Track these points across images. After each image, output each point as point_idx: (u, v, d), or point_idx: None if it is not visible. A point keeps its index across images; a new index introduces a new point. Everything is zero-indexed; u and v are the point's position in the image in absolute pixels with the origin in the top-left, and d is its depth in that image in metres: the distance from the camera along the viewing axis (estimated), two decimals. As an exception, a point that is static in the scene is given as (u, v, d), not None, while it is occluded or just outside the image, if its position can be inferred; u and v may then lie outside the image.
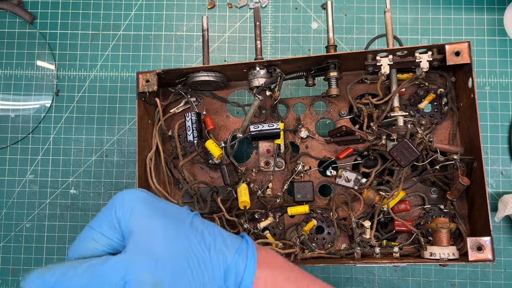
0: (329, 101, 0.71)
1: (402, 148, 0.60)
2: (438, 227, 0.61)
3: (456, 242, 0.65)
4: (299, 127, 0.69)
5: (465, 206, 0.67)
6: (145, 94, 0.66)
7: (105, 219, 0.44)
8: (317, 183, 0.70)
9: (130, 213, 0.43)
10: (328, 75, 0.65)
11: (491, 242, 0.58)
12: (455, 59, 0.61)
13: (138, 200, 0.45)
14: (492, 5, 0.81)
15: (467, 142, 0.64)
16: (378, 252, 0.64)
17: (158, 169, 0.69)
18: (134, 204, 0.44)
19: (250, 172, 0.69)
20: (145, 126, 0.67)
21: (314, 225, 0.67)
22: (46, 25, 0.83)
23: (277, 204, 0.68)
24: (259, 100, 0.63)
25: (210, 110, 0.72)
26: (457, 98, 0.67)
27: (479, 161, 0.60)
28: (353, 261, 0.63)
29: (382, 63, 0.62)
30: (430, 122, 0.67)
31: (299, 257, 0.65)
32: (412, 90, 0.68)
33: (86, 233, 0.45)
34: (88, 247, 0.44)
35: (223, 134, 0.71)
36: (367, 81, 0.68)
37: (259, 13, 0.66)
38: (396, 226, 0.65)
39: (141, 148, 0.66)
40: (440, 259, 0.60)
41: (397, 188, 0.63)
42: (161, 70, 0.65)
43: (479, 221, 0.62)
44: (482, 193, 0.60)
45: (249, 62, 0.64)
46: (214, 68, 0.65)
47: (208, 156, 0.69)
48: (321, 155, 0.70)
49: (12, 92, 0.82)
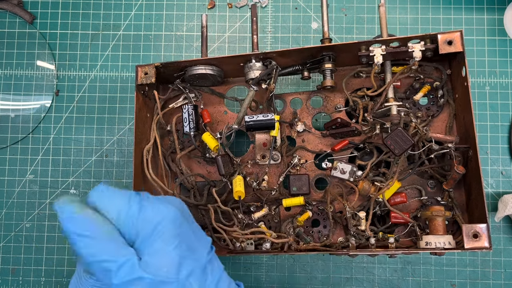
0: (326, 96, 0.71)
1: (396, 136, 0.60)
2: (433, 215, 0.61)
3: (455, 236, 0.65)
4: (295, 121, 0.70)
5: (462, 197, 0.66)
6: (144, 87, 0.67)
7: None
8: (313, 176, 0.70)
9: (153, 229, 0.44)
10: (323, 67, 0.66)
11: (487, 229, 0.57)
12: (447, 48, 0.61)
13: (166, 219, 0.45)
14: (492, 5, 0.81)
15: (463, 132, 0.64)
16: (374, 243, 0.64)
17: (156, 163, 0.70)
18: (161, 221, 0.45)
19: (245, 164, 0.69)
20: (144, 119, 0.68)
21: (309, 216, 0.67)
22: (46, 25, 0.83)
23: (272, 197, 0.68)
24: (254, 91, 0.64)
25: (208, 106, 0.72)
26: (453, 90, 0.67)
27: (474, 150, 0.60)
28: (346, 250, 0.63)
29: (375, 53, 0.62)
30: (426, 115, 0.67)
31: (293, 247, 0.65)
32: (408, 83, 0.69)
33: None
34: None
35: (221, 128, 0.72)
36: (363, 74, 0.68)
37: (256, 10, 0.68)
38: (392, 218, 0.65)
39: (138, 139, 0.66)
40: (436, 247, 0.60)
41: (392, 178, 0.63)
42: (159, 63, 0.66)
43: (476, 210, 0.62)
44: (478, 181, 0.59)
45: (245, 54, 0.65)
46: (211, 61, 0.66)
47: (205, 149, 0.69)
48: (317, 149, 0.70)
49: (12, 92, 0.82)
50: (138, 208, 0.44)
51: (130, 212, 0.44)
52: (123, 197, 0.45)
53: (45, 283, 0.78)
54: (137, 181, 0.66)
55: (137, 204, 0.45)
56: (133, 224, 0.44)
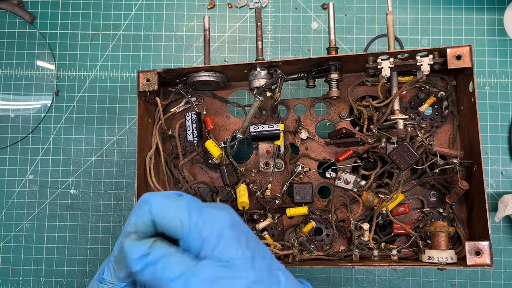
0: (330, 103, 0.71)
1: (402, 151, 0.60)
2: (436, 231, 0.61)
3: (455, 246, 0.65)
4: (299, 128, 0.69)
5: (464, 210, 0.67)
6: (146, 93, 0.66)
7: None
8: (316, 184, 0.70)
9: (218, 235, 0.43)
10: (329, 77, 0.65)
11: (489, 247, 0.58)
12: (456, 62, 0.61)
13: (227, 224, 0.44)
14: (492, 5, 0.81)
15: (467, 146, 0.64)
16: (377, 254, 0.64)
17: (157, 168, 0.70)
18: (223, 226, 0.44)
19: (249, 173, 0.69)
20: (145, 125, 0.68)
21: (312, 227, 0.67)
22: (46, 25, 0.83)
23: (276, 205, 0.68)
24: (259, 101, 0.63)
25: (210, 110, 0.72)
26: (457, 101, 0.67)
27: (478, 166, 0.60)
28: (351, 263, 0.63)
29: (383, 65, 0.62)
30: (430, 125, 0.67)
31: (297, 258, 0.65)
32: (413, 93, 0.68)
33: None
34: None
35: (223, 134, 0.71)
36: (368, 83, 0.68)
37: (260, 13, 0.66)
38: (394, 229, 0.65)
39: (140, 147, 0.66)
40: (438, 263, 0.60)
41: (396, 191, 0.63)
42: (162, 70, 0.65)
43: (478, 225, 0.62)
44: (481, 198, 0.60)
45: (250, 63, 0.64)
46: (215, 68, 0.65)
47: (207, 156, 0.69)
48: (321, 157, 0.70)
49: (12, 92, 0.82)
50: (199, 216, 0.44)
51: (192, 221, 0.43)
52: (181, 207, 0.44)
53: (45, 283, 0.78)
54: (140, 189, 0.66)
55: (196, 211, 0.44)
56: (199, 232, 0.43)
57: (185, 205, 0.44)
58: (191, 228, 0.43)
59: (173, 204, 0.44)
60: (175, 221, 0.43)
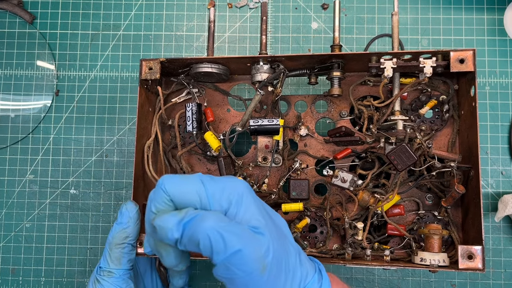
0: (331, 101, 0.71)
1: (400, 152, 0.60)
2: (430, 233, 0.61)
3: (448, 250, 0.65)
4: (299, 125, 0.69)
5: (459, 214, 0.67)
6: (147, 82, 0.66)
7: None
8: (313, 181, 0.70)
9: (240, 196, 0.45)
10: (331, 75, 0.65)
11: (482, 252, 0.58)
12: (459, 66, 0.61)
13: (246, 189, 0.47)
14: (492, 5, 0.81)
15: (466, 150, 0.64)
16: (369, 254, 0.64)
17: (155, 157, 0.69)
18: (244, 190, 0.46)
19: (247, 166, 0.69)
20: (146, 114, 0.67)
21: (307, 223, 0.67)
22: (46, 25, 0.83)
23: (272, 200, 0.68)
24: (260, 95, 0.63)
25: (211, 102, 0.72)
26: (459, 105, 0.67)
27: (475, 170, 0.60)
28: (343, 261, 0.64)
29: (386, 66, 0.62)
30: (430, 128, 0.67)
31: None
32: (414, 95, 0.68)
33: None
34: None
35: (223, 126, 0.72)
36: (370, 83, 0.68)
37: (266, 8, 0.66)
38: (388, 229, 0.65)
39: (140, 135, 0.66)
40: (430, 265, 0.60)
41: (392, 191, 0.63)
42: (164, 59, 0.65)
43: (472, 230, 0.62)
44: (476, 202, 0.60)
45: (253, 56, 0.64)
46: (218, 60, 0.65)
47: (206, 147, 0.69)
48: (319, 154, 0.70)
49: (12, 92, 0.82)
50: (215, 185, 0.45)
51: (209, 191, 0.45)
52: (194, 180, 0.45)
53: (45, 283, 0.78)
54: (137, 177, 0.65)
55: (211, 182, 0.45)
56: (218, 201, 0.45)
57: (197, 178, 0.45)
58: (209, 197, 0.44)
59: (185, 180, 0.46)
60: (192, 194, 0.45)
